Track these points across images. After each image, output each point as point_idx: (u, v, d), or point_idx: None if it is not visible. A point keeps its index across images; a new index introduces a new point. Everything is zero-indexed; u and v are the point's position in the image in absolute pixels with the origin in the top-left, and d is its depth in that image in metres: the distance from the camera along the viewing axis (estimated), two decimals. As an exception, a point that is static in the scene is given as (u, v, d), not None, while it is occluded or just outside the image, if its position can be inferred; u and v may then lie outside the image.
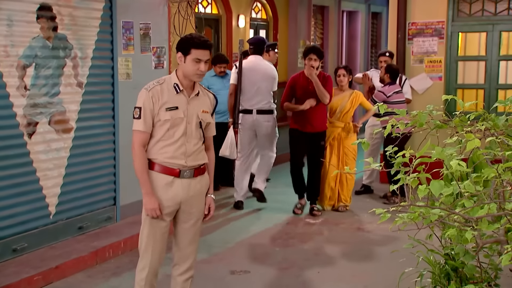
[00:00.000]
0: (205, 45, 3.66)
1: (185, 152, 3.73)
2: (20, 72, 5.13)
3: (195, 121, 3.76)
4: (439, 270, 3.60)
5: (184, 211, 3.82)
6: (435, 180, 2.83)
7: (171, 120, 3.68)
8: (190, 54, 3.63)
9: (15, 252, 5.09)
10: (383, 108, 3.33)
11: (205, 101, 3.86)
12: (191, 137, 3.76)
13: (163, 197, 3.71)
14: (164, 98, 3.67)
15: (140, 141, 3.68)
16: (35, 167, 5.28)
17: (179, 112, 3.70)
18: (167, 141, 3.71)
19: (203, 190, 3.88)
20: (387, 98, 7.40)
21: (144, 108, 3.66)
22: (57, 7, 5.41)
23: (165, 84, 3.72)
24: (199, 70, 3.65)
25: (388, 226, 6.10)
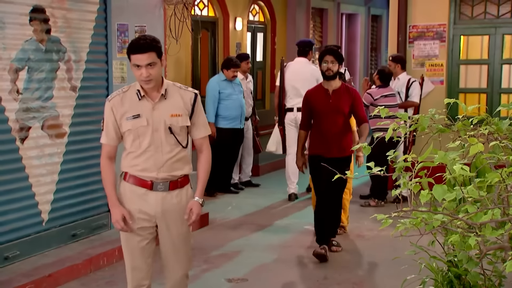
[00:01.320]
0: (140, 48, 3.33)
1: (156, 163, 3.46)
2: (12, 75, 5.03)
3: (163, 127, 3.46)
4: (441, 277, 3.55)
5: (162, 229, 3.56)
6: (438, 185, 2.77)
7: (133, 130, 3.44)
8: (130, 60, 3.38)
9: (7, 260, 4.98)
10: (384, 112, 3.23)
11: (176, 103, 3.50)
12: (161, 145, 3.47)
13: (136, 209, 3.50)
14: (124, 107, 3.44)
15: (104, 154, 3.53)
16: (27, 173, 5.18)
17: (141, 120, 3.44)
18: (135, 152, 3.48)
19: (182, 204, 3.56)
20: (374, 101, 7.40)
21: (106, 120, 3.50)
22: (50, 9, 5.33)
23: (129, 92, 3.48)
24: (142, 76, 3.34)
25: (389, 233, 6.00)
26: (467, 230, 2.83)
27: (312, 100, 5.60)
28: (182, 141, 3.53)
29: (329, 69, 5.49)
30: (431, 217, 2.83)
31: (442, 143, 3.18)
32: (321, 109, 5.54)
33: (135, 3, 6.23)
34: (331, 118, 5.49)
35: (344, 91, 5.54)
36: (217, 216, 7.16)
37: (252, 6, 9.79)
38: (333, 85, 5.55)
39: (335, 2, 12.30)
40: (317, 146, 5.59)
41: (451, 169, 2.82)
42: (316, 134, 5.64)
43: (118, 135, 3.50)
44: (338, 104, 5.49)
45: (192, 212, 3.53)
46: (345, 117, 5.54)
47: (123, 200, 3.55)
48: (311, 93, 5.67)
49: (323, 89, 5.58)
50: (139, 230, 3.52)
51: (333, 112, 5.49)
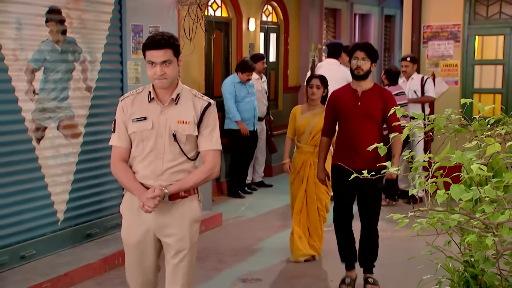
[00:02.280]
0: (157, 44, 3.17)
1: (154, 171, 3.25)
2: (29, 76, 5.07)
3: (168, 133, 3.25)
4: (458, 277, 3.53)
5: (162, 241, 3.34)
6: (455, 185, 2.76)
7: (138, 133, 3.26)
8: (145, 57, 3.23)
9: (23, 259, 5.02)
10: (400, 112, 3.23)
11: (186, 109, 3.28)
12: (163, 152, 3.25)
13: (131, 221, 3.32)
14: (133, 108, 3.28)
15: (117, 157, 3.32)
16: (43, 173, 5.22)
17: (147, 123, 3.25)
18: (138, 157, 3.29)
19: (184, 217, 3.31)
20: None
21: (117, 121, 3.32)
22: (66, 10, 5.37)
23: (142, 93, 3.33)
24: (156, 75, 3.18)
25: (403, 234, 5.99)
26: (484, 230, 2.82)
27: (338, 101, 4.87)
28: (188, 152, 3.30)
29: (358, 67, 4.73)
30: (448, 217, 2.82)
31: (458, 143, 3.17)
32: (348, 113, 4.79)
33: (150, 4, 6.26)
34: (360, 124, 4.73)
35: (376, 93, 4.79)
36: (230, 216, 7.17)
37: (265, 6, 9.79)
38: (363, 86, 4.79)
39: (348, 3, 12.27)
40: (342, 155, 4.80)
41: (468, 169, 2.81)
42: (342, 141, 4.86)
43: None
44: (368, 108, 4.73)
45: (154, 190, 3.18)
46: (376, 123, 4.76)
47: (124, 209, 3.39)
48: (338, 93, 4.93)
49: (351, 90, 4.84)
50: (139, 244, 3.32)
51: (361, 116, 4.74)
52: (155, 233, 3.30)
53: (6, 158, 4.90)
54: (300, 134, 5.64)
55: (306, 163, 5.64)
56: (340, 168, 4.61)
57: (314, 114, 5.60)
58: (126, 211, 3.37)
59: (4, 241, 4.89)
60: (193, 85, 7.98)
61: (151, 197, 3.15)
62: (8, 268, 4.88)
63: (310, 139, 5.60)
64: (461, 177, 2.92)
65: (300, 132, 5.63)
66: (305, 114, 5.64)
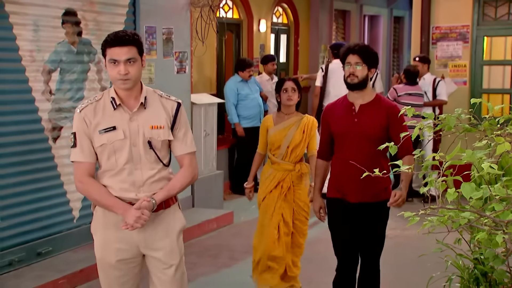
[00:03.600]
0: (120, 40, 2.88)
1: (134, 182, 2.99)
2: (45, 77, 5.18)
3: (142, 141, 2.98)
4: (468, 274, 3.56)
5: (148, 257, 3.09)
6: (466, 183, 2.79)
7: (108, 145, 2.94)
8: (106, 56, 2.92)
9: (40, 255, 5.13)
10: (411, 111, 3.25)
11: (157, 113, 3.03)
12: (140, 162, 2.99)
13: (112, 239, 3.01)
14: (97, 118, 2.95)
15: (83, 173, 2.97)
16: (59, 171, 5.32)
17: (118, 133, 2.95)
18: (111, 171, 2.98)
19: (170, 229, 3.08)
20: (397, 97, 7.63)
21: (79, 134, 2.96)
22: (81, 12, 5.46)
23: (102, 100, 2.99)
24: (118, 74, 2.87)
25: (412, 232, 6.04)
26: (493, 228, 2.87)
27: (331, 117, 3.96)
28: (163, 158, 3.06)
29: (352, 74, 3.82)
30: (458, 215, 2.86)
31: (467, 142, 3.22)
32: (342, 131, 3.88)
33: (163, 6, 6.36)
34: (357, 145, 3.82)
35: (378, 106, 3.85)
36: (241, 214, 7.25)
37: (276, 8, 9.89)
38: (362, 98, 3.86)
39: (357, 4, 12.34)
40: (338, 185, 3.93)
41: (478, 168, 2.85)
42: (337, 168, 3.95)
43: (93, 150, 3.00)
44: (368, 126, 3.82)
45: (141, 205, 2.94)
46: (378, 143, 3.49)
47: (97, 227, 3.08)
48: (331, 108, 4.03)
49: (347, 104, 3.91)
50: (119, 263, 3.04)
51: (359, 136, 3.82)
52: (140, 248, 3.05)
53: (24, 157, 5.00)
54: (275, 149, 4.71)
55: (284, 183, 4.70)
56: (337, 202, 3.92)
57: (290, 124, 4.67)
58: (100, 229, 3.06)
59: (21, 238, 5.00)
60: (205, 84, 8.10)
61: (140, 215, 2.90)
62: (25, 265, 4.99)
63: (289, 155, 4.68)
64: (471, 175, 2.96)
65: (274, 146, 4.70)
66: (279, 125, 4.69)
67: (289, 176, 4.71)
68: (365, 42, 13.21)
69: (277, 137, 4.67)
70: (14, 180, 4.93)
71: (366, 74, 3.83)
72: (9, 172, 4.88)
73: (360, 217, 3.90)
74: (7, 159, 4.86)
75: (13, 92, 4.93)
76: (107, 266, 3.07)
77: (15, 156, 4.94)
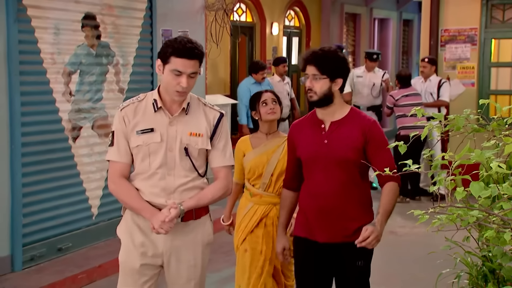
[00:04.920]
0: (191, 53, 2.75)
1: (165, 188, 2.87)
2: (65, 78, 5.32)
3: (179, 147, 2.87)
4: (476, 271, 3.60)
5: (170, 267, 2.95)
6: (475, 182, 2.86)
7: (143, 146, 2.84)
8: (168, 63, 2.77)
9: (60, 251, 5.28)
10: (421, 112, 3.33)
11: (198, 121, 2.91)
12: (174, 168, 2.87)
13: (138, 243, 2.91)
14: (136, 118, 2.86)
15: (116, 173, 2.87)
16: (78, 170, 5.47)
17: (155, 135, 2.84)
18: (143, 174, 2.88)
19: (197, 241, 2.95)
20: (396, 101, 7.87)
21: (117, 133, 2.86)
22: (100, 16, 5.61)
23: (145, 101, 2.91)
24: (179, 86, 2.76)
25: (421, 230, 6.11)
26: (502, 226, 2.95)
27: (297, 138, 3.22)
28: (199, 167, 2.94)
29: (309, 89, 3.08)
30: (467, 213, 2.95)
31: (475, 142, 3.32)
32: (310, 155, 3.13)
33: (179, 10, 6.50)
34: (327, 172, 3.09)
35: (351, 123, 3.09)
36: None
37: (288, 11, 10.03)
38: (332, 114, 3.10)
39: (367, 8, 12.45)
40: (304, 221, 3.19)
41: (487, 167, 2.94)
42: (303, 199, 3.22)
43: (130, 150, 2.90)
44: (339, 147, 3.06)
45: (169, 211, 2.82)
46: (352, 168, 3.05)
47: (124, 230, 2.97)
48: (297, 126, 3.27)
49: (315, 120, 3.17)
50: (143, 268, 2.92)
51: (329, 160, 3.08)
52: (164, 257, 2.93)
53: (45, 156, 5.16)
54: (256, 178, 3.74)
55: (267, 219, 3.76)
56: (303, 242, 3.20)
57: (273, 146, 3.73)
58: (127, 232, 2.95)
59: (42, 234, 5.15)
60: (219, 86, 8.23)
61: (168, 221, 2.78)
62: (46, 260, 5.14)
63: (273, 185, 3.73)
64: (480, 174, 3.05)
65: (255, 175, 3.73)
66: (259, 148, 3.74)
67: (274, 211, 3.72)
68: (375, 45, 13.32)
69: (257, 163, 3.69)
70: (35, 178, 5.08)
71: (329, 88, 3.03)
72: (31, 170, 5.04)
73: (331, 260, 3.15)
74: (29, 158, 5.01)
75: (35, 94, 5.08)
76: (129, 270, 2.94)
77: (36, 155, 5.09)
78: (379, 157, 3.02)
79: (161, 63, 2.81)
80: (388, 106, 8.03)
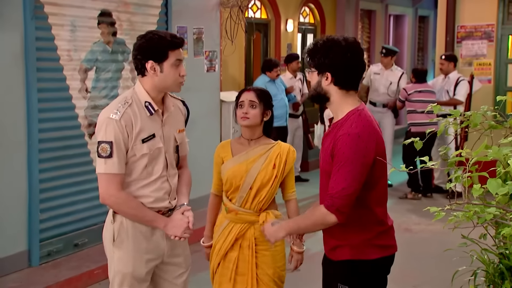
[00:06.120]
0: (181, 42, 2.79)
1: (169, 191, 2.88)
2: (82, 75, 5.36)
3: (173, 146, 2.88)
4: (493, 269, 3.58)
5: (168, 263, 2.97)
6: (492, 179, 2.84)
7: (149, 154, 2.77)
8: (168, 59, 2.73)
9: (77, 247, 5.33)
10: (437, 108, 3.31)
11: (178, 116, 2.95)
12: (172, 168, 2.90)
13: (142, 250, 2.83)
14: (137, 126, 2.73)
15: (115, 186, 2.72)
16: (94, 166, 5.47)
17: (156, 141, 2.79)
18: (144, 181, 2.80)
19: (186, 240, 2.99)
20: (408, 96, 7.85)
21: (117, 143, 2.69)
22: (116, 13, 5.63)
23: (135, 104, 2.75)
24: (181, 76, 2.77)
25: (436, 228, 6.09)
26: (519, 223, 2.95)
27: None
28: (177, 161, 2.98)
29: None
30: (484, 211, 2.94)
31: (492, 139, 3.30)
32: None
33: (194, 6, 6.51)
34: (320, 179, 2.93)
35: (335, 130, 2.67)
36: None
37: (303, 8, 10.02)
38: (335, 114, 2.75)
39: (383, 4, 12.40)
40: None
41: (504, 164, 2.92)
42: None
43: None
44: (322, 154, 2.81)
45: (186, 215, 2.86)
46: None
47: (124, 241, 2.83)
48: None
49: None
50: (147, 275, 2.89)
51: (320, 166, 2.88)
52: (165, 257, 2.94)
53: (61, 152, 5.20)
54: (233, 190, 3.24)
55: (243, 240, 3.26)
56: None
57: (255, 155, 3.25)
58: (129, 241, 2.83)
59: (59, 230, 5.20)
60: (233, 82, 8.25)
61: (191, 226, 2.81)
62: (63, 255, 5.19)
63: (251, 200, 3.24)
64: (497, 171, 3.03)
65: (232, 187, 3.23)
66: (239, 156, 3.25)
67: (251, 231, 3.25)
68: (390, 41, 13.26)
69: (235, 173, 3.20)
70: (52, 174, 5.13)
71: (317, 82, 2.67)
72: (48, 166, 5.08)
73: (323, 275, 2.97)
74: (46, 154, 5.05)
75: (51, 90, 5.13)
76: (135, 280, 2.84)
77: (53, 151, 5.13)
78: (332, 175, 2.60)
79: (155, 64, 2.72)
80: (400, 99, 8.03)
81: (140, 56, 2.75)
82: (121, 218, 2.83)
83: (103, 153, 2.72)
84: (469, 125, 3.38)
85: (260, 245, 3.24)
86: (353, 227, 2.71)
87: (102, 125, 2.72)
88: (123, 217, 2.82)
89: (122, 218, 2.83)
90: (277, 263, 3.29)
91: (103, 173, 2.74)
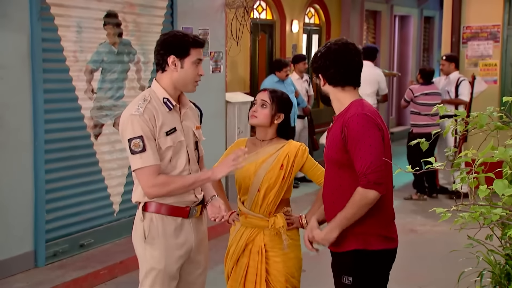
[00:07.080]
0: (202, 42, 2.90)
1: None
2: (88, 76, 5.37)
3: (193, 141, 2.97)
4: (499, 270, 3.58)
5: (191, 260, 3.00)
6: (499, 180, 2.83)
7: (173, 147, 2.85)
8: (189, 55, 2.82)
9: (83, 247, 5.35)
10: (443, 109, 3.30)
11: (194, 113, 3.05)
12: (194, 164, 2.97)
13: (173, 246, 2.88)
14: (160, 120, 2.81)
15: (154, 176, 2.76)
16: (100, 167, 5.52)
17: (178, 134, 2.87)
18: (170, 174, 2.87)
19: (206, 230, 3.09)
20: (414, 98, 7.81)
21: (146, 136, 2.75)
22: (122, 14, 5.65)
23: (154, 101, 2.83)
24: (198, 75, 2.87)
25: (442, 228, 6.08)
26: (525, 224, 2.94)
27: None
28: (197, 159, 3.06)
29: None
30: (490, 212, 2.93)
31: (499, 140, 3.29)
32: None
33: (199, 7, 6.52)
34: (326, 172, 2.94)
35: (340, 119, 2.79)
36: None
37: (308, 9, 10.02)
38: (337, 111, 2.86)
39: (388, 5, 12.39)
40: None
41: (510, 165, 2.91)
42: None
43: None
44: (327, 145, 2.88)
45: (220, 209, 2.97)
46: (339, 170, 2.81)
47: (155, 238, 2.86)
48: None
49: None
50: (178, 271, 2.95)
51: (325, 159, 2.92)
52: (192, 252, 2.98)
53: (67, 153, 5.22)
54: (244, 192, 3.20)
55: (253, 246, 3.19)
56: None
57: (265, 155, 3.18)
58: (160, 237, 2.86)
59: (65, 230, 5.22)
60: (239, 83, 8.26)
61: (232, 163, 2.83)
62: (69, 256, 5.21)
63: (260, 203, 3.16)
64: (503, 172, 3.02)
65: (241, 187, 3.21)
66: (249, 156, 3.13)
67: (260, 236, 3.16)
68: (395, 42, 13.25)
69: (244, 174, 3.15)
70: (58, 175, 5.15)
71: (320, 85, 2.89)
72: (54, 167, 5.10)
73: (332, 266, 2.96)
74: (52, 154, 5.07)
75: (58, 91, 5.14)
76: (168, 277, 2.88)
77: (59, 152, 5.15)
78: (355, 156, 2.66)
79: (177, 59, 2.81)
80: (406, 99, 8.01)
81: (163, 51, 2.84)
82: (150, 215, 2.86)
83: (136, 148, 2.74)
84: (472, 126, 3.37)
85: (270, 251, 3.17)
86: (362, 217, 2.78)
87: (127, 123, 2.77)
88: (152, 214, 2.86)
89: (151, 215, 2.86)
90: (289, 269, 3.20)
91: (141, 168, 2.76)
